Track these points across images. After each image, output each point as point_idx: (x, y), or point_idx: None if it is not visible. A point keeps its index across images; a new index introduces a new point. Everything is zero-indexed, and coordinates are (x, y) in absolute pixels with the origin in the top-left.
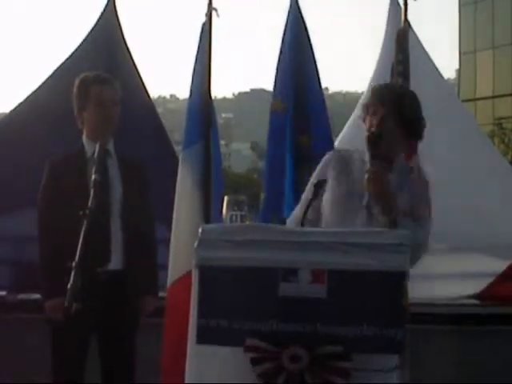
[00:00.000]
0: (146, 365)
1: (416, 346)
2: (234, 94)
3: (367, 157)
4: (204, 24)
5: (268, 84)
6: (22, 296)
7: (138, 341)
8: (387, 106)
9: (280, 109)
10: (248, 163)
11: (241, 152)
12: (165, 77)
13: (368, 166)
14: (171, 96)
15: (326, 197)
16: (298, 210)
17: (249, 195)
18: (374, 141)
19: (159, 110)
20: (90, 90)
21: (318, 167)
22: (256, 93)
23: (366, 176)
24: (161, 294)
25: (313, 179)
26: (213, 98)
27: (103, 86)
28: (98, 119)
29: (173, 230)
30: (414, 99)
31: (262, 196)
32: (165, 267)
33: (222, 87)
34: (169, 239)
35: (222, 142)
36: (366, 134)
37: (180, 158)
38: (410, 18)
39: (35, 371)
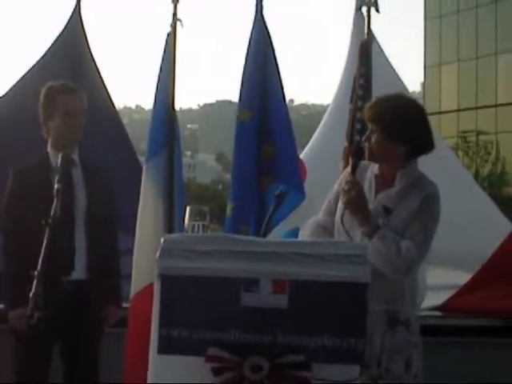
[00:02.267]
0: (109, 374)
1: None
2: (199, 105)
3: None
4: (169, 35)
5: (234, 95)
6: None
7: (101, 350)
8: (374, 122)
9: (247, 119)
10: (213, 174)
11: (206, 163)
12: (130, 87)
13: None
14: (136, 106)
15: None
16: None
17: (213, 206)
18: (354, 156)
19: (124, 120)
20: (57, 99)
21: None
22: (222, 104)
23: (345, 187)
24: (125, 304)
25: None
26: (178, 108)
27: (70, 96)
28: (64, 129)
29: (136, 241)
30: (403, 115)
31: (229, 207)
32: (130, 277)
33: (187, 98)
34: (132, 249)
35: (188, 153)
36: None
37: (144, 168)
38: (374, 30)
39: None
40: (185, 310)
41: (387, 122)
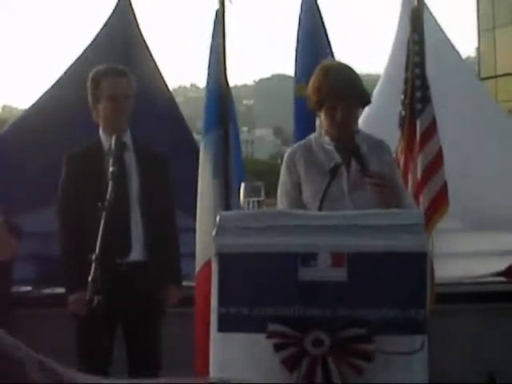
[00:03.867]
0: (171, 354)
1: (443, 326)
2: (254, 81)
3: (327, 144)
4: (217, 11)
5: (288, 69)
6: (46, 291)
7: (163, 330)
8: (346, 99)
9: (304, 93)
10: (271, 149)
11: (264, 138)
12: (184, 66)
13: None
14: (191, 85)
15: (307, 193)
16: (286, 206)
17: (272, 181)
18: (351, 150)
19: (180, 99)
20: (102, 83)
21: (286, 164)
22: (277, 78)
23: (369, 188)
24: (187, 283)
25: (284, 177)
26: (233, 85)
27: (115, 79)
28: (110, 112)
29: (197, 219)
30: (359, 78)
31: None
32: (190, 256)
33: (242, 74)
34: (194, 228)
35: (244, 129)
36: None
37: (201, 146)
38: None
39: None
40: (243, 287)
41: (360, 93)
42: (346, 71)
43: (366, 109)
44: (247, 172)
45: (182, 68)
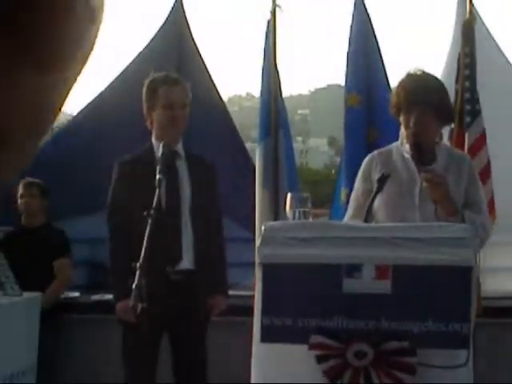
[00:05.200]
0: (218, 363)
1: (493, 340)
2: (309, 91)
3: (406, 152)
4: (269, 21)
5: (343, 79)
6: (95, 297)
7: (209, 339)
8: (422, 103)
9: (356, 103)
10: (325, 159)
11: (318, 148)
12: (240, 75)
13: (416, 171)
14: (247, 94)
15: (379, 201)
16: (350, 212)
17: (326, 191)
18: (417, 148)
19: (235, 108)
20: (159, 91)
21: (362, 170)
22: (332, 88)
23: (425, 185)
24: (232, 292)
25: (358, 183)
26: (288, 94)
27: (172, 88)
28: (165, 121)
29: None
30: (444, 91)
31: (344, 192)
32: (237, 265)
33: (297, 84)
34: (243, 238)
35: (299, 139)
36: (403, 132)
37: (256, 155)
38: (479, 9)
39: (109, 371)
40: (287, 298)
41: (441, 102)
42: (428, 79)
43: None
44: (302, 181)
45: (237, 77)
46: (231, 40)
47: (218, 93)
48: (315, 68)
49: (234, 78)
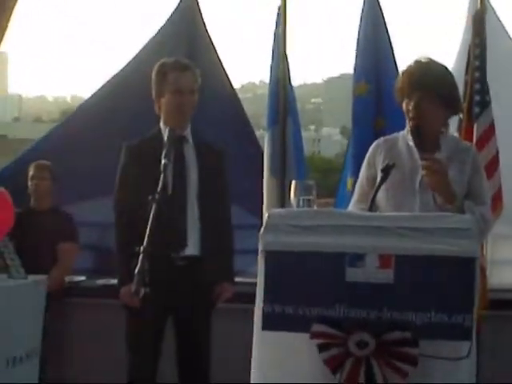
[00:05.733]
0: (222, 351)
1: (497, 332)
2: (323, 79)
3: (411, 140)
4: (279, 7)
5: None
6: (100, 281)
7: (215, 327)
8: (422, 88)
9: (364, 92)
10: (338, 148)
11: (331, 137)
12: (253, 63)
13: (419, 159)
14: (260, 81)
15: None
16: (355, 198)
17: (338, 180)
18: (415, 133)
19: (248, 95)
20: (168, 76)
21: (367, 156)
22: (346, 77)
23: (423, 172)
24: (239, 279)
25: (363, 169)
26: (302, 83)
27: (181, 73)
28: (174, 106)
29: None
30: (447, 73)
31: (350, 182)
32: (243, 252)
33: (311, 72)
34: (251, 224)
35: (312, 127)
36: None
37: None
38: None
39: (113, 356)
40: (289, 286)
41: (443, 88)
42: (432, 66)
43: None
44: (314, 170)
45: (251, 64)
46: (245, 27)
47: (229, 79)
48: (329, 56)
49: (248, 66)
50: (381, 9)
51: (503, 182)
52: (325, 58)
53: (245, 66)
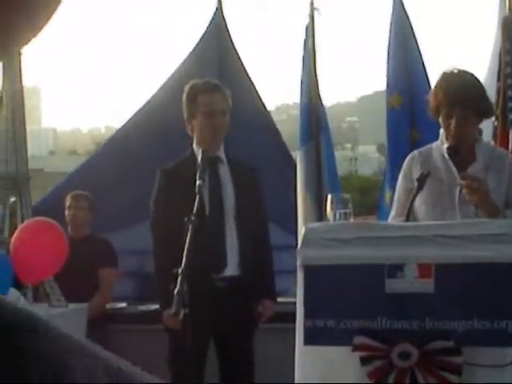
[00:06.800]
0: (266, 369)
1: None
2: (357, 98)
3: (446, 151)
4: (307, 26)
5: None
6: (142, 307)
7: (258, 346)
8: (461, 106)
9: (397, 104)
10: (375, 166)
11: (367, 155)
12: (287, 85)
13: (458, 178)
14: (294, 103)
15: (420, 200)
16: (393, 213)
17: (377, 198)
18: (454, 152)
19: (283, 117)
20: (199, 98)
21: (403, 169)
22: (379, 94)
23: (465, 191)
24: (281, 299)
25: (399, 183)
26: (336, 102)
27: (212, 95)
28: (206, 128)
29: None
30: (482, 87)
31: (388, 195)
32: (284, 273)
33: (345, 91)
34: (289, 244)
35: (348, 146)
36: (443, 132)
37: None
38: None
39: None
40: (329, 300)
41: (481, 103)
42: (466, 79)
43: None
44: (352, 188)
45: (285, 86)
46: (275, 48)
47: (262, 102)
48: (361, 74)
49: (282, 87)
50: (409, 19)
51: None
52: (357, 75)
53: (278, 88)
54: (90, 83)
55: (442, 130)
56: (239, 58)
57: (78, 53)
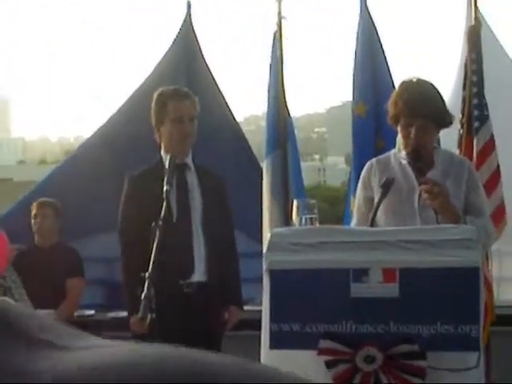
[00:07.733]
0: None
1: (504, 348)
2: (325, 109)
3: (403, 158)
4: (275, 34)
5: None
6: (110, 314)
7: (224, 353)
8: (420, 116)
9: (363, 113)
10: (343, 176)
11: (336, 166)
12: (256, 96)
13: (414, 178)
14: (263, 113)
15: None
16: (355, 221)
17: (344, 208)
18: (416, 159)
19: (252, 127)
20: (168, 105)
21: (362, 178)
22: (347, 105)
23: (424, 195)
24: (247, 307)
25: (359, 191)
26: (304, 113)
27: (181, 101)
28: (175, 134)
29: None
30: (441, 97)
31: (353, 201)
32: (251, 281)
33: (313, 103)
34: (256, 251)
35: (316, 157)
36: (401, 140)
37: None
38: (484, 12)
39: None
40: (294, 304)
41: (439, 113)
42: (425, 89)
43: None
44: (320, 199)
45: (253, 97)
46: (246, 60)
47: (231, 112)
48: (329, 85)
49: (251, 98)
50: (375, 28)
51: (505, 196)
52: (326, 86)
53: (247, 99)
54: (58, 92)
55: (398, 138)
56: (208, 68)
57: (46, 62)
